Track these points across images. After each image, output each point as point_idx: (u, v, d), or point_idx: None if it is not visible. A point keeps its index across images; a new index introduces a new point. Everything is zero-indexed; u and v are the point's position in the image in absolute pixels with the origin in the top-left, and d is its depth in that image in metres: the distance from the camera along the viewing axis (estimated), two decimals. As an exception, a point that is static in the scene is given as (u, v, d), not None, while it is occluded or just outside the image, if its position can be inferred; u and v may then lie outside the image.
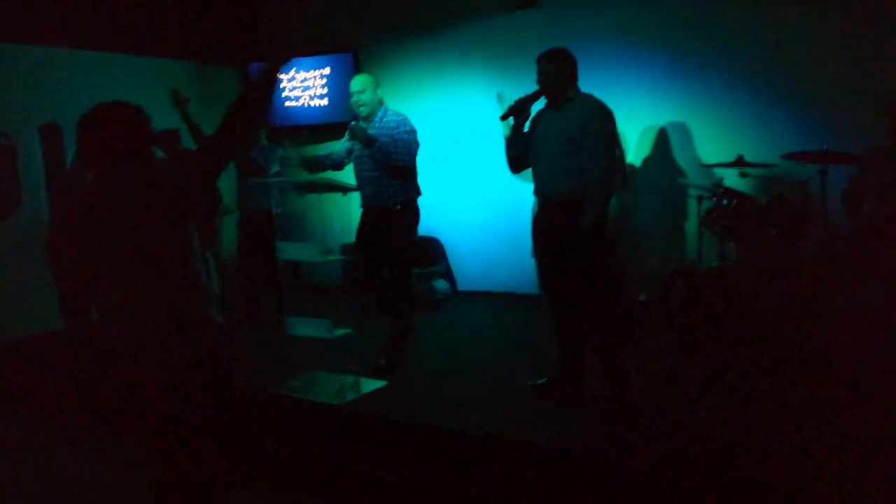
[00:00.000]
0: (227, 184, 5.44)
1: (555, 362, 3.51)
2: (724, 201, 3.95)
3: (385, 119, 3.90)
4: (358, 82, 3.94)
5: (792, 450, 2.75)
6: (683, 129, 4.93)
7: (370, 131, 3.85)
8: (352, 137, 3.88)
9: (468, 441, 3.07)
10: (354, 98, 3.89)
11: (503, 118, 3.42)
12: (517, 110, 3.34)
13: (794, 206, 3.72)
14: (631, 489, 2.70)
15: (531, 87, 3.36)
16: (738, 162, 4.08)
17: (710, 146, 4.79)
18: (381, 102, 3.96)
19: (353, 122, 3.91)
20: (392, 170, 3.84)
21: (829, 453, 2.68)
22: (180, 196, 1.99)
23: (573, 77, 3.30)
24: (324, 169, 4.07)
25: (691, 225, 4.71)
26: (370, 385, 3.73)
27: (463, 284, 6.05)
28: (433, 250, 5.90)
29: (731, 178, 4.35)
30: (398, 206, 3.89)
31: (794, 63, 4.50)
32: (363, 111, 3.89)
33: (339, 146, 4.11)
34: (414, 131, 3.92)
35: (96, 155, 2.02)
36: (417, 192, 4.02)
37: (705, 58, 4.79)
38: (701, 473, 2.66)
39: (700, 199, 4.33)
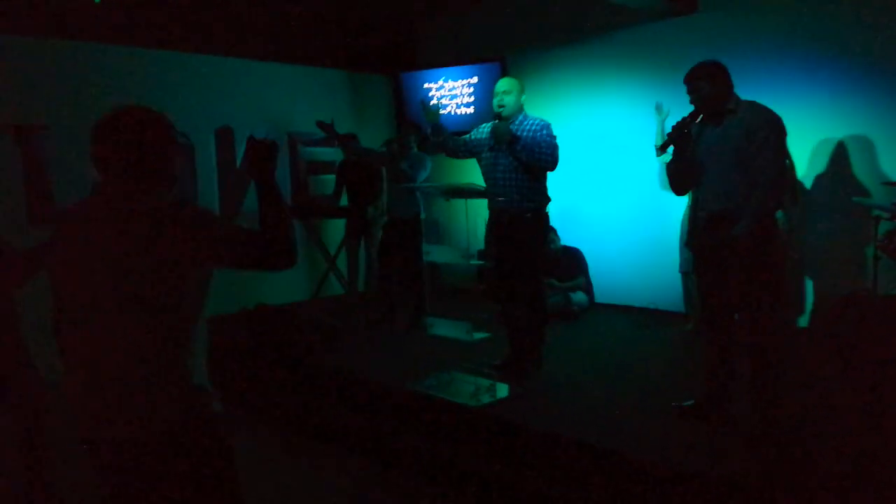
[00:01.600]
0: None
1: (704, 384, 3.32)
2: (908, 223, 3.55)
3: (525, 123, 3.87)
4: (505, 83, 3.94)
5: None
6: (865, 143, 4.47)
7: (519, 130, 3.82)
8: (495, 136, 3.83)
9: (602, 457, 2.98)
10: (498, 98, 3.87)
11: (662, 149, 3.29)
12: (676, 138, 3.17)
13: None
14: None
15: (686, 96, 3.20)
16: (928, 180, 3.66)
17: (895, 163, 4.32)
18: (521, 108, 3.93)
19: (496, 121, 3.89)
20: (535, 170, 3.80)
21: None
22: (191, 250, 1.65)
23: (729, 88, 3.10)
24: (443, 147, 4.06)
25: (868, 249, 4.27)
26: (505, 390, 3.73)
27: (601, 297, 5.90)
28: (575, 262, 5.80)
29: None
30: (528, 214, 3.84)
31: None
32: (505, 111, 3.85)
33: (467, 136, 4.08)
34: (555, 137, 3.86)
35: (100, 167, 1.71)
36: (547, 199, 3.95)
37: (886, 63, 4.34)
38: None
39: (879, 219, 3.92)
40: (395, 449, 3.58)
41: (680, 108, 3.77)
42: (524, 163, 3.78)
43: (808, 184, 4.75)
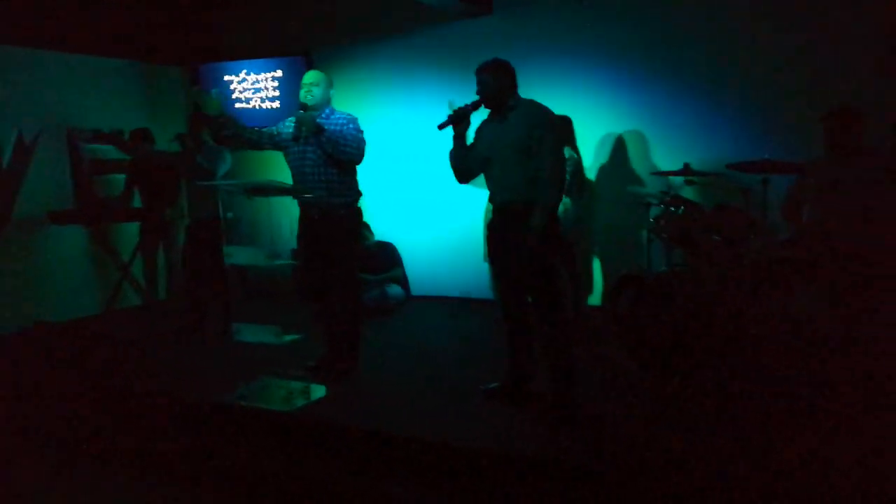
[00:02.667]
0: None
1: (506, 366, 3.52)
2: (672, 208, 4.04)
3: (333, 116, 3.84)
4: (313, 75, 3.87)
5: (736, 452, 2.81)
6: (640, 137, 5.04)
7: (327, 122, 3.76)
8: (299, 126, 3.73)
9: (417, 447, 3.04)
10: (305, 90, 3.80)
11: (441, 127, 3.42)
12: (456, 120, 3.35)
13: (737, 214, 3.82)
14: (573, 492, 2.71)
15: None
16: (685, 170, 4.18)
17: (662, 154, 4.91)
18: (328, 102, 3.89)
19: (300, 112, 3.80)
20: (343, 164, 3.77)
21: (770, 453, 2.76)
22: None
23: (512, 86, 3.33)
24: (237, 139, 3.86)
25: (644, 231, 4.81)
26: (320, 391, 3.67)
27: (417, 289, 6.03)
28: (389, 256, 5.86)
29: (686, 187, 4.46)
30: (341, 210, 3.82)
31: (741, 74, 4.66)
32: (311, 102, 3.78)
33: (273, 128, 3.94)
34: (362, 131, 3.86)
35: None
36: (359, 194, 3.95)
37: (656, 66, 4.92)
38: (645, 475, 2.69)
39: (650, 205, 4.42)
40: (206, 467, 3.35)
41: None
42: (330, 155, 3.73)
43: (593, 175, 5.24)
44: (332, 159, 3.74)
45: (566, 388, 3.27)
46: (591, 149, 5.19)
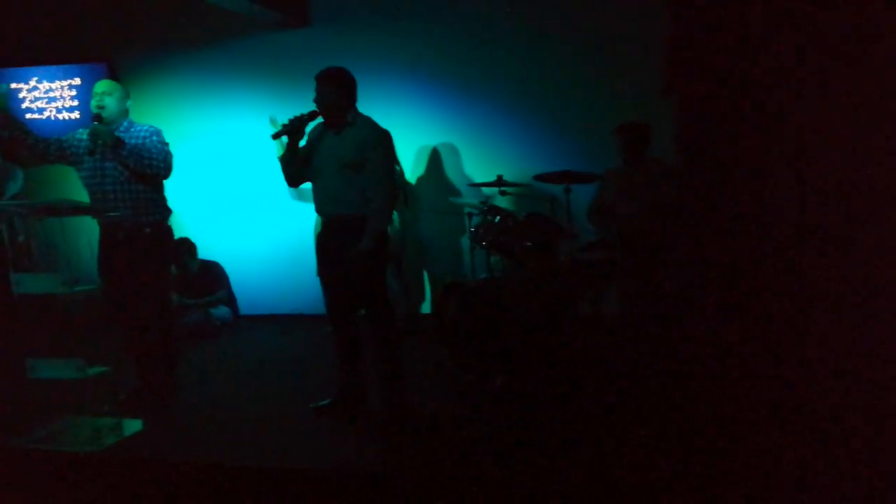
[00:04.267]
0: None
1: (337, 381, 3.49)
2: (489, 217, 4.26)
3: (133, 129, 3.58)
4: (104, 84, 3.57)
5: (563, 445, 3.02)
6: (454, 150, 5.26)
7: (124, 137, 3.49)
8: (94, 139, 3.37)
9: (239, 473, 2.92)
10: (97, 100, 3.48)
11: (276, 137, 3.35)
12: (292, 130, 3.27)
13: (546, 221, 4.13)
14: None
15: (303, 106, 3.32)
16: (499, 182, 4.44)
17: (477, 166, 5.18)
18: (126, 114, 3.62)
19: (94, 123, 3.45)
20: (148, 179, 3.53)
21: (594, 447, 3.00)
22: None
23: (352, 99, 3.30)
24: (16, 143, 3.44)
25: (465, 240, 5.02)
26: (134, 426, 3.39)
27: (245, 308, 5.80)
28: (215, 277, 5.57)
29: (500, 197, 4.72)
30: (148, 229, 3.57)
31: (548, 91, 5.05)
32: (105, 113, 3.47)
33: (62, 138, 3.58)
34: (167, 144, 3.63)
35: None
36: (169, 211, 3.73)
37: (470, 81, 5.18)
38: (479, 478, 2.80)
39: (470, 215, 4.63)
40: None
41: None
42: (133, 170, 3.47)
43: (414, 185, 5.38)
44: (135, 175, 3.49)
45: (398, 397, 3.32)
46: (409, 160, 5.34)
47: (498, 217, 4.21)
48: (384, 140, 3.29)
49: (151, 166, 3.49)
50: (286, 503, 2.83)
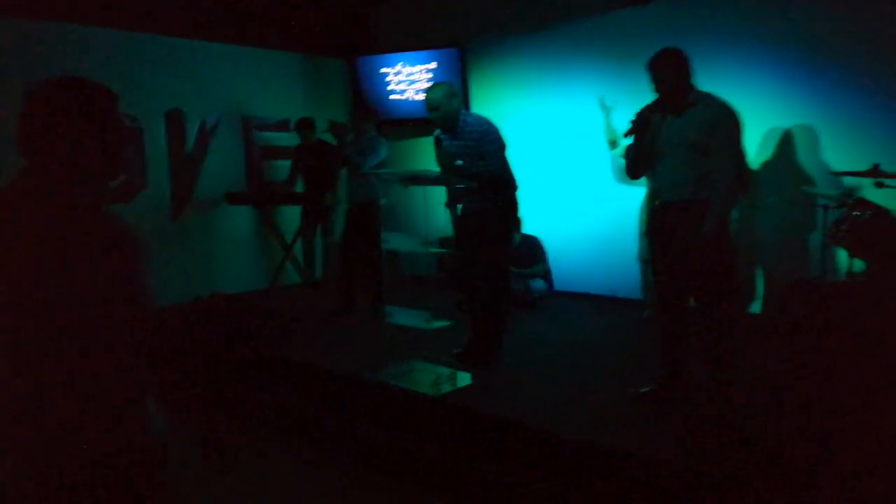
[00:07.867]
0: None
1: (660, 370, 3.36)
2: (856, 213, 3.65)
3: (467, 130, 3.81)
4: (432, 99, 3.80)
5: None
6: (811, 133, 4.58)
7: (455, 143, 3.81)
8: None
9: (559, 443, 2.99)
10: (432, 115, 3.82)
11: (627, 135, 3.27)
12: (640, 128, 3.17)
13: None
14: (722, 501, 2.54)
15: (640, 88, 3.21)
16: (874, 171, 3.76)
17: (841, 153, 4.43)
18: (457, 114, 3.84)
19: (438, 142, 3.86)
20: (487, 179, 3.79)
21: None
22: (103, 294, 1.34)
23: (689, 77, 3.12)
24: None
25: (815, 236, 4.39)
26: (465, 379, 3.71)
27: (560, 284, 5.94)
28: (533, 250, 5.81)
29: (866, 189, 4.01)
30: (497, 205, 3.82)
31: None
32: (442, 126, 3.83)
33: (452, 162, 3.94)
34: (498, 132, 3.82)
35: (25, 149, 1.38)
36: (515, 188, 3.94)
37: (836, 56, 4.44)
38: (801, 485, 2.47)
39: (826, 208, 4.02)
40: (353, 438, 3.53)
41: (625, 101, 3.72)
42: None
43: (757, 173, 4.85)
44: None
45: (720, 395, 3.09)
46: (753, 143, 4.79)
47: (869, 213, 3.59)
48: (732, 118, 3.04)
49: (486, 174, 3.73)
50: (585, 477, 2.83)
